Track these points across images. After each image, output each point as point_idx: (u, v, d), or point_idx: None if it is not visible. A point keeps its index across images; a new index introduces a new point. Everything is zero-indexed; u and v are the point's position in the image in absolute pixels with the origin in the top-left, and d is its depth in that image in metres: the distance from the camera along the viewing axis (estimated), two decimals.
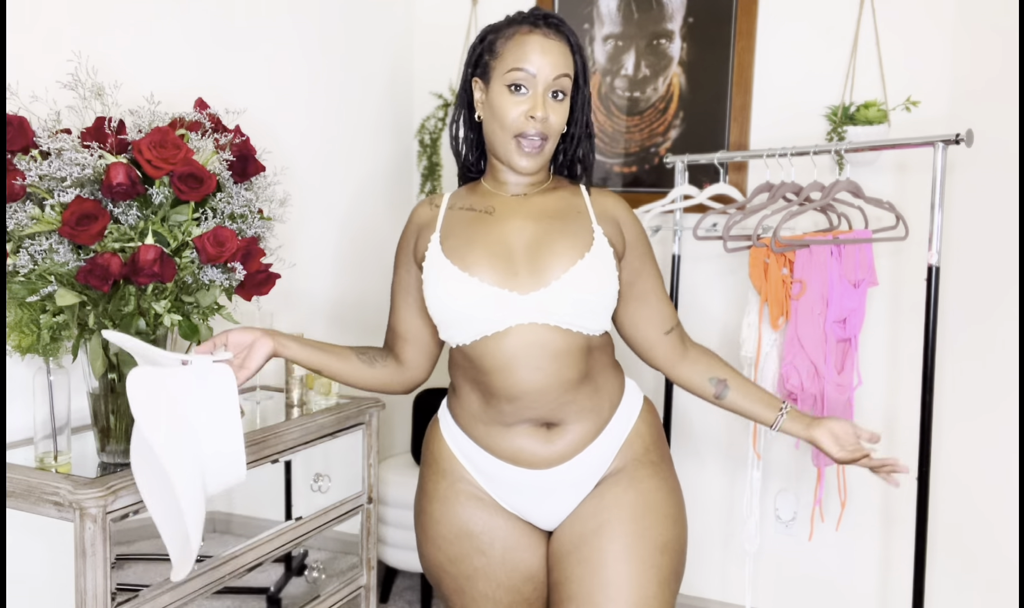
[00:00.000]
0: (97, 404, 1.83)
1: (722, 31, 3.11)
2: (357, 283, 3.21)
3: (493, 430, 1.68)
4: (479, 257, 1.63)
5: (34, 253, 1.64)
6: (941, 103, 2.82)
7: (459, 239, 1.67)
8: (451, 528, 1.74)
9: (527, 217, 1.69)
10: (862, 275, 2.58)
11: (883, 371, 2.95)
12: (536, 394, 1.62)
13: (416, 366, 1.84)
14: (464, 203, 1.75)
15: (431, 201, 1.78)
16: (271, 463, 2.14)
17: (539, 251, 1.63)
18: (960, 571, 2.85)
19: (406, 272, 1.78)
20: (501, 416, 1.66)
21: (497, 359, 1.62)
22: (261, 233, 1.94)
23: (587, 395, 1.67)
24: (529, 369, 1.61)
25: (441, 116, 3.49)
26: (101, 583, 1.65)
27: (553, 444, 1.67)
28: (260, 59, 2.68)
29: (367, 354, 1.81)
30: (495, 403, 1.65)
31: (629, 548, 1.64)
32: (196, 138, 1.83)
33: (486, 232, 1.67)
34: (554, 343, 1.61)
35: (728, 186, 2.90)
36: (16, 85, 1.86)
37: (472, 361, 1.66)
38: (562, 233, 1.65)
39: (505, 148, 1.66)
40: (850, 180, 2.56)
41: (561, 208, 1.71)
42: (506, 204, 1.72)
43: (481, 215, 1.71)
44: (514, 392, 1.62)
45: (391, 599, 3.31)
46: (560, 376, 1.62)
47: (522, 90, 1.63)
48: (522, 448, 1.67)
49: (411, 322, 1.80)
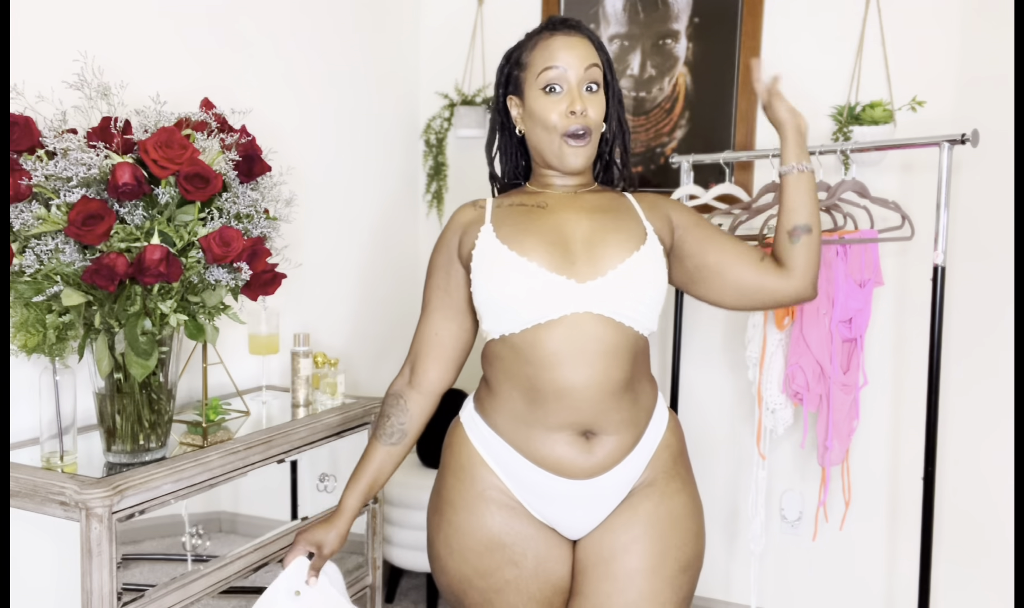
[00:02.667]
0: (103, 404, 1.83)
1: (728, 31, 3.10)
2: (363, 282, 3.21)
3: (535, 434, 1.63)
4: (535, 244, 1.61)
5: (40, 253, 1.64)
6: (947, 103, 2.81)
7: (513, 227, 1.66)
8: (480, 539, 1.66)
9: (580, 210, 1.68)
10: (868, 275, 2.58)
11: (889, 371, 2.95)
12: (583, 392, 1.58)
13: (440, 380, 1.77)
14: (513, 201, 1.74)
15: (474, 203, 1.76)
16: (277, 463, 2.14)
17: (595, 242, 1.62)
18: (966, 571, 2.84)
19: (445, 274, 1.73)
20: (546, 417, 1.61)
21: (547, 350, 1.57)
22: (267, 233, 1.95)
23: (628, 405, 1.64)
24: (579, 364, 1.57)
25: (447, 116, 3.49)
26: (107, 583, 1.66)
27: (592, 454, 1.62)
28: (266, 59, 2.68)
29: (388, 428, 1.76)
30: (540, 401, 1.60)
31: (655, 568, 1.62)
32: (202, 138, 1.83)
33: (541, 222, 1.66)
34: (606, 337, 1.58)
35: (734, 186, 2.90)
36: (22, 85, 1.86)
37: (519, 352, 1.61)
38: (616, 227, 1.65)
39: (553, 149, 1.68)
40: (856, 180, 2.55)
41: (611, 205, 1.71)
42: (558, 199, 1.72)
43: (533, 209, 1.70)
44: (561, 387, 1.58)
45: (396, 599, 3.31)
46: (608, 375, 1.58)
47: (557, 89, 1.65)
48: (563, 457, 1.62)
49: (444, 326, 1.74)
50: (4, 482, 1.68)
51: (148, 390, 1.84)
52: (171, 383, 1.90)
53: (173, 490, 1.81)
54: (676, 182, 3.12)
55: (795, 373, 2.58)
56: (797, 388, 2.59)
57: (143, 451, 1.85)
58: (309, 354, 2.41)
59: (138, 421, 1.84)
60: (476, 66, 3.49)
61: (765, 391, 2.66)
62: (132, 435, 1.84)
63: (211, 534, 1.98)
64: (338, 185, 3.05)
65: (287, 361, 2.72)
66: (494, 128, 1.81)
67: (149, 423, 1.85)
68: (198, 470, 1.86)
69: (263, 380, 2.56)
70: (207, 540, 1.96)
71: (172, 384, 1.90)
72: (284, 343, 2.67)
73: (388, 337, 3.34)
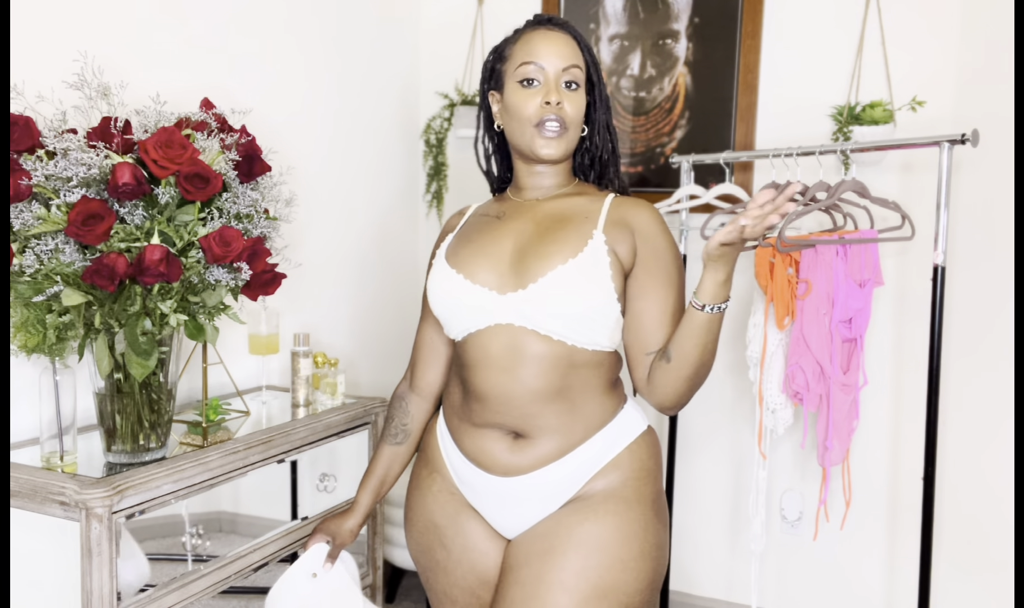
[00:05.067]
0: (103, 404, 1.83)
1: (728, 31, 3.10)
2: (363, 283, 3.21)
3: (464, 427, 1.71)
4: (471, 257, 1.67)
5: (40, 253, 1.64)
6: (946, 103, 2.81)
7: (463, 240, 1.73)
8: (422, 517, 1.78)
9: (531, 220, 1.69)
10: (867, 275, 2.58)
11: (889, 371, 2.95)
12: (502, 398, 1.62)
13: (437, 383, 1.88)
14: (484, 210, 1.81)
15: (461, 211, 1.86)
16: (277, 463, 2.14)
17: (527, 253, 1.63)
18: (966, 571, 2.84)
19: None
20: (471, 414, 1.68)
21: (475, 356, 1.65)
22: (267, 233, 1.95)
23: (557, 413, 1.62)
24: (498, 371, 1.62)
25: (447, 116, 3.49)
26: (107, 583, 1.66)
27: (516, 455, 1.65)
28: (266, 59, 2.68)
29: (392, 429, 1.91)
30: (469, 400, 1.68)
31: (568, 583, 1.56)
32: (202, 138, 1.83)
33: (488, 234, 1.71)
34: (529, 349, 1.60)
35: (734, 186, 2.90)
36: (22, 85, 1.86)
37: (459, 356, 1.71)
38: (555, 237, 1.63)
39: (525, 139, 1.67)
40: (856, 180, 2.55)
41: (570, 213, 1.67)
42: (517, 208, 1.74)
43: (491, 219, 1.75)
44: (483, 391, 1.64)
45: (397, 599, 3.31)
46: (527, 384, 1.60)
47: (534, 83, 1.65)
48: (484, 450, 1.68)
49: (438, 332, 1.83)
50: (4, 482, 1.68)
51: (148, 390, 1.84)
52: (171, 383, 1.90)
53: (173, 490, 1.81)
54: (676, 182, 3.13)
55: (795, 373, 2.58)
56: (797, 388, 2.59)
57: (143, 451, 1.85)
58: (309, 354, 2.41)
59: (138, 421, 1.84)
60: (476, 66, 3.49)
61: (765, 391, 2.66)
62: (132, 435, 1.84)
63: (211, 534, 1.98)
64: (338, 185, 3.05)
65: (287, 361, 2.72)
66: (479, 124, 1.83)
67: (149, 423, 1.85)
68: (198, 470, 1.86)
69: (263, 380, 2.56)
70: (207, 540, 1.96)
71: (172, 384, 1.90)
72: (284, 343, 2.67)
73: (388, 337, 3.34)
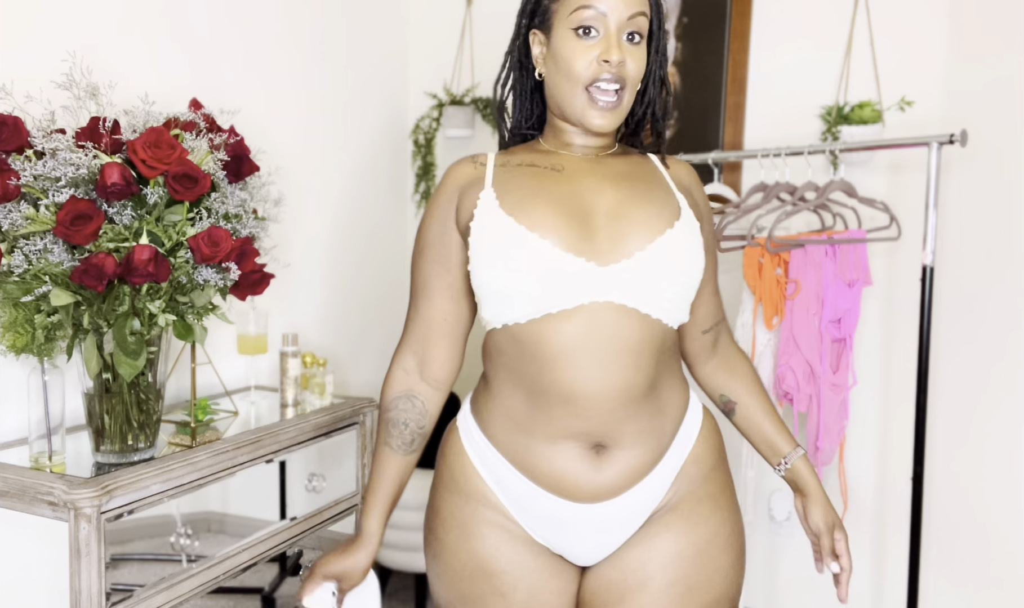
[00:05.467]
0: (92, 404, 1.83)
1: (717, 31, 3.11)
2: (351, 283, 3.21)
3: (535, 445, 1.40)
4: (548, 215, 1.35)
5: (29, 253, 1.63)
6: (935, 103, 2.82)
7: (521, 193, 1.39)
8: (467, 563, 1.45)
9: (603, 178, 1.43)
10: (856, 275, 2.59)
11: (878, 371, 2.96)
12: (594, 398, 1.35)
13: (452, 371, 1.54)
14: (522, 159, 1.47)
15: (473, 159, 1.49)
16: (266, 463, 2.14)
17: (620, 216, 1.37)
18: (954, 571, 2.86)
19: (442, 247, 1.46)
20: (548, 425, 1.38)
21: (554, 346, 1.33)
22: (256, 233, 1.95)
23: (648, 414, 1.40)
24: (592, 363, 1.33)
25: (436, 116, 3.49)
26: (96, 583, 1.65)
27: (602, 472, 1.39)
28: (254, 59, 2.67)
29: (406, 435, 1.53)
30: (544, 405, 1.37)
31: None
32: (191, 138, 1.83)
33: (557, 190, 1.40)
34: (628, 333, 1.34)
35: (723, 186, 2.91)
36: (10, 85, 1.86)
37: (523, 347, 1.37)
38: (645, 199, 1.40)
39: (575, 103, 1.41)
40: (844, 180, 2.57)
41: (641, 172, 1.47)
42: (576, 164, 1.46)
43: (547, 171, 1.43)
44: (570, 391, 1.35)
45: (385, 599, 3.31)
46: (627, 379, 1.35)
47: (592, 33, 1.38)
48: (565, 473, 1.39)
49: (450, 309, 1.48)
50: None
51: (137, 390, 1.83)
52: (160, 383, 1.89)
53: (162, 490, 1.81)
54: None
55: (785, 374, 2.59)
56: (787, 388, 2.60)
57: (132, 451, 1.84)
58: (298, 354, 2.40)
59: (127, 421, 1.83)
60: (465, 66, 3.49)
61: None
62: (121, 435, 1.83)
63: (200, 534, 1.97)
64: (327, 185, 3.05)
65: (276, 361, 2.71)
66: (509, 63, 1.54)
67: (138, 423, 1.85)
68: (187, 470, 1.86)
69: (252, 380, 2.55)
70: (196, 540, 1.95)
71: (161, 384, 1.90)
72: (273, 343, 2.67)
73: (377, 337, 3.34)
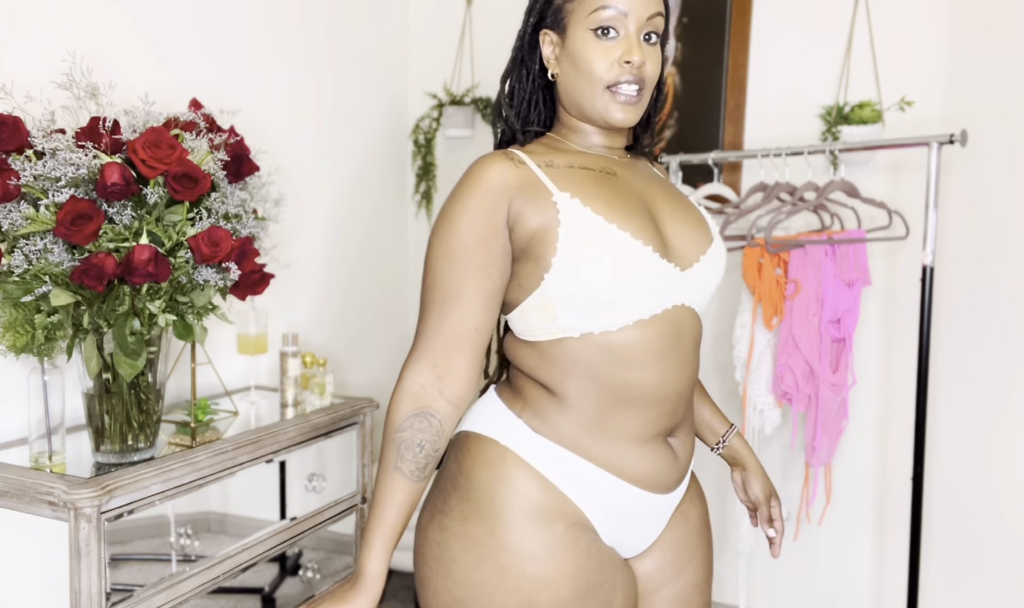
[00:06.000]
0: (92, 404, 1.83)
1: (717, 31, 3.11)
2: (352, 283, 3.21)
3: (622, 447, 1.34)
4: (636, 220, 1.32)
5: (29, 253, 1.64)
6: (935, 103, 2.82)
7: (603, 200, 1.32)
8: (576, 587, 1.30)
9: (649, 182, 1.43)
10: (856, 275, 2.59)
11: (877, 371, 2.96)
12: (676, 397, 1.35)
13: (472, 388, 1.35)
14: (565, 161, 1.39)
15: (508, 156, 1.36)
16: (266, 463, 2.14)
17: (678, 221, 1.39)
18: (954, 570, 2.86)
19: (487, 252, 1.31)
20: (636, 426, 1.33)
21: (643, 349, 1.30)
22: (256, 233, 1.95)
23: (690, 403, 1.45)
24: (673, 365, 1.33)
25: (436, 116, 3.49)
26: (96, 583, 1.65)
27: (678, 461, 1.41)
28: (254, 59, 2.68)
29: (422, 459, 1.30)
30: (634, 410, 1.33)
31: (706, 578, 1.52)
32: (191, 138, 1.83)
33: (625, 193, 1.36)
34: (696, 333, 1.39)
35: (723, 186, 2.91)
36: (10, 85, 1.86)
37: (612, 354, 1.30)
38: (684, 205, 1.43)
39: (597, 104, 1.37)
40: (844, 180, 2.57)
41: (659, 177, 1.49)
42: (617, 167, 1.42)
43: (603, 175, 1.38)
44: (660, 393, 1.33)
45: (384, 599, 3.31)
46: (692, 375, 1.39)
47: (611, 33, 1.35)
48: (653, 469, 1.37)
49: (484, 320, 1.33)
50: None
51: (136, 390, 1.83)
52: (159, 383, 1.90)
53: (162, 490, 1.81)
54: None
55: (784, 374, 2.59)
56: (786, 388, 2.60)
57: (132, 451, 1.85)
58: (298, 354, 2.40)
59: (127, 421, 1.83)
60: (465, 66, 3.49)
61: (753, 391, 2.67)
62: (121, 435, 1.84)
63: (199, 534, 1.98)
64: (327, 185, 3.05)
65: (276, 361, 2.72)
66: (515, 66, 1.48)
67: (138, 423, 1.85)
68: (187, 470, 1.86)
69: (252, 380, 2.56)
70: (195, 540, 1.96)
71: (160, 384, 1.90)
72: (273, 343, 2.67)
73: (377, 337, 3.34)
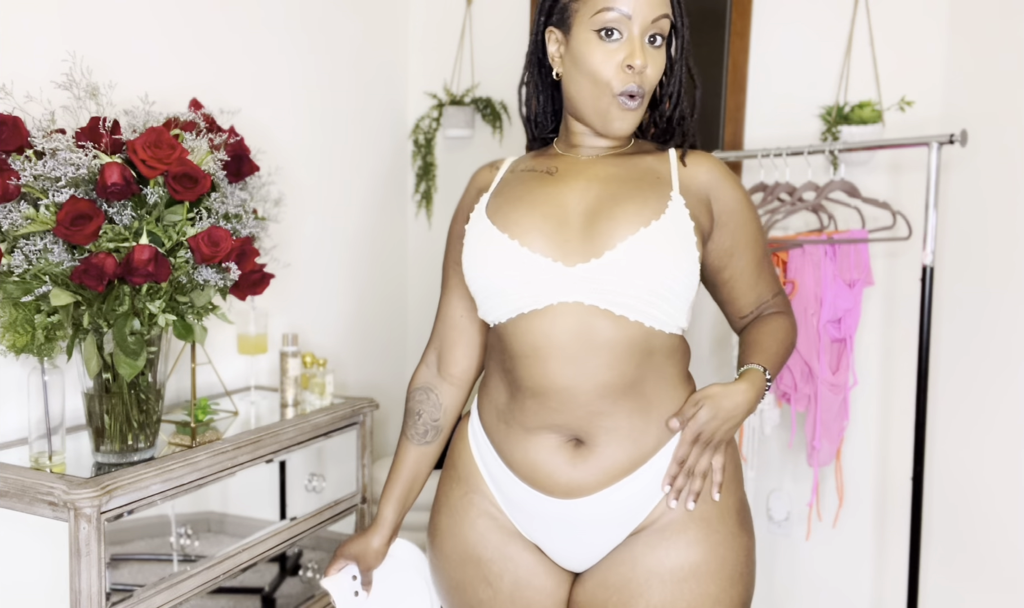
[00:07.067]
0: (92, 404, 1.83)
1: (717, 31, 3.11)
2: (352, 283, 3.21)
3: (513, 434, 1.41)
4: (525, 218, 1.38)
5: (29, 253, 1.64)
6: (935, 103, 2.82)
7: (508, 199, 1.42)
8: (457, 548, 1.49)
9: (593, 179, 1.42)
10: (857, 275, 2.59)
11: (878, 371, 2.96)
12: (565, 394, 1.34)
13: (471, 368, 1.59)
14: (526, 164, 1.50)
15: (493, 164, 1.55)
16: (266, 463, 2.14)
17: (598, 215, 1.36)
18: (954, 570, 2.86)
19: (460, 246, 1.50)
20: (523, 415, 1.39)
21: (527, 343, 1.36)
22: (256, 233, 1.95)
23: (628, 412, 1.36)
24: (561, 360, 1.33)
25: (436, 116, 3.49)
26: (96, 583, 1.65)
27: (577, 468, 1.37)
28: (254, 59, 2.68)
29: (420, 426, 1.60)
30: (519, 398, 1.39)
31: None
32: (191, 138, 1.83)
33: (541, 193, 1.41)
34: (600, 332, 1.33)
35: None
36: (10, 85, 1.86)
37: (503, 342, 1.40)
38: (629, 197, 1.37)
39: (599, 108, 1.40)
40: (844, 180, 2.57)
41: (638, 172, 1.44)
42: (572, 165, 1.46)
43: (540, 175, 1.45)
44: (540, 387, 1.36)
45: None
46: (597, 377, 1.33)
47: (614, 35, 1.36)
48: (540, 464, 1.39)
49: (468, 307, 1.55)
50: None
51: (136, 390, 1.83)
52: (159, 383, 1.90)
53: (162, 490, 1.81)
54: None
55: (783, 373, 2.59)
56: (784, 388, 2.60)
57: (132, 451, 1.85)
58: (298, 354, 2.40)
59: (127, 421, 1.83)
60: (465, 66, 3.49)
61: None
62: (121, 435, 1.84)
63: (200, 534, 1.98)
64: (327, 185, 3.05)
65: (276, 361, 2.72)
66: (529, 64, 1.52)
67: (138, 423, 1.85)
68: (187, 470, 1.86)
69: (252, 380, 2.56)
70: (196, 540, 1.96)
71: (160, 384, 1.90)
72: (273, 343, 2.67)
73: (377, 337, 3.34)
